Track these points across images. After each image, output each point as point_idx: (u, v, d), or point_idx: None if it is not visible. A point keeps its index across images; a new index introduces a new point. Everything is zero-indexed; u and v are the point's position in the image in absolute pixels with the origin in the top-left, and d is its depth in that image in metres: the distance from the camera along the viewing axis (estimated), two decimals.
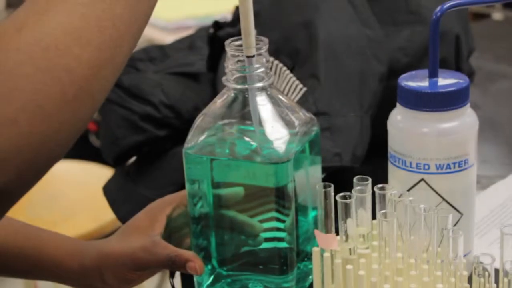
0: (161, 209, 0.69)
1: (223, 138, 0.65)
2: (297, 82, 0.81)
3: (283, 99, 0.65)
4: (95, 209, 1.52)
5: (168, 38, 1.79)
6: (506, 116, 1.05)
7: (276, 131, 0.63)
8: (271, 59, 0.82)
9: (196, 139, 0.65)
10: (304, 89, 0.80)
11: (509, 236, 0.55)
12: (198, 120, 0.66)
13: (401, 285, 0.57)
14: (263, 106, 0.64)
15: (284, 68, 0.83)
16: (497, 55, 1.25)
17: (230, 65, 0.64)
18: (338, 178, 0.68)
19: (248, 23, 0.61)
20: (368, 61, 0.82)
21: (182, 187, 0.68)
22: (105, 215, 1.50)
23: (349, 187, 0.59)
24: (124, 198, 0.83)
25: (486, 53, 1.22)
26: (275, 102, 0.64)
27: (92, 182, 1.53)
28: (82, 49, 0.45)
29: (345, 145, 0.77)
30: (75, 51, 0.45)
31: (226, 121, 0.64)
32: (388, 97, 0.72)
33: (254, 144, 0.64)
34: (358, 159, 0.78)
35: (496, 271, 0.56)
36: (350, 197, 0.58)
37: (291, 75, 0.82)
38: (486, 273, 0.55)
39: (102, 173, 1.60)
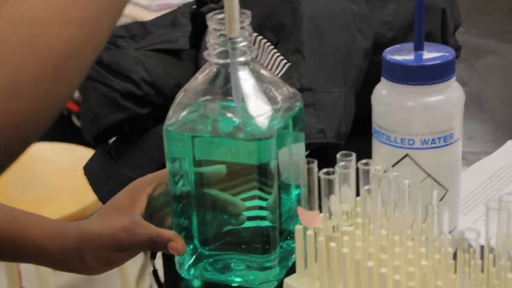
0: (142, 189, 0.68)
1: (205, 115, 0.63)
2: (281, 57, 0.80)
3: (266, 74, 0.64)
4: (77, 191, 1.50)
5: (151, 17, 1.76)
6: (492, 92, 1.04)
7: (258, 106, 0.62)
8: (255, 34, 0.81)
9: (177, 115, 0.63)
10: (288, 64, 0.79)
11: (495, 211, 0.54)
12: (179, 96, 0.64)
13: (385, 262, 0.56)
14: (246, 81, 0.62)
15: (268, 43, 0.82)
16: (483, 30, 1.24)
17: (211, 39, 0.62)
18: (322, 156, 0.67)
19: (232, 5, 0.59)
20: (353, 36, 0.81)
21: (164, 166, 0.66)
22: (88, 196, 1.49)
23: (333, 165, 0.58)
24: (105, 178, 0.82)
25: (472, 29, 1.21)
26: (257, 77, 0.63)
27: (75, 164, 1.50)
28: (63, 26, 0.44)
29: (329, 121, 0.76)
30: (55, 28, 0.44)
31: (208, 97, 0.63)
32: (373, 73, 0.70)
33: (237, 120, 0.62)
34: (343, 136, 0.77)
35: (482, 248, 0.55)
36: (333, 173, 0.57)
37: (275, 50, 0.81)
38: (471, 250, 0.54)
39: (85, 155, 1.58)
